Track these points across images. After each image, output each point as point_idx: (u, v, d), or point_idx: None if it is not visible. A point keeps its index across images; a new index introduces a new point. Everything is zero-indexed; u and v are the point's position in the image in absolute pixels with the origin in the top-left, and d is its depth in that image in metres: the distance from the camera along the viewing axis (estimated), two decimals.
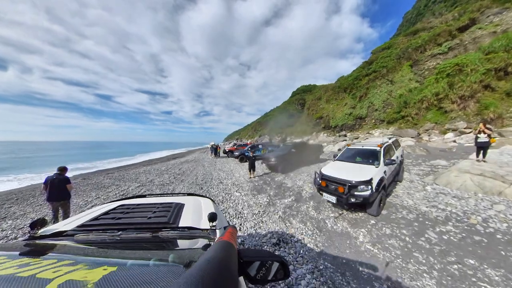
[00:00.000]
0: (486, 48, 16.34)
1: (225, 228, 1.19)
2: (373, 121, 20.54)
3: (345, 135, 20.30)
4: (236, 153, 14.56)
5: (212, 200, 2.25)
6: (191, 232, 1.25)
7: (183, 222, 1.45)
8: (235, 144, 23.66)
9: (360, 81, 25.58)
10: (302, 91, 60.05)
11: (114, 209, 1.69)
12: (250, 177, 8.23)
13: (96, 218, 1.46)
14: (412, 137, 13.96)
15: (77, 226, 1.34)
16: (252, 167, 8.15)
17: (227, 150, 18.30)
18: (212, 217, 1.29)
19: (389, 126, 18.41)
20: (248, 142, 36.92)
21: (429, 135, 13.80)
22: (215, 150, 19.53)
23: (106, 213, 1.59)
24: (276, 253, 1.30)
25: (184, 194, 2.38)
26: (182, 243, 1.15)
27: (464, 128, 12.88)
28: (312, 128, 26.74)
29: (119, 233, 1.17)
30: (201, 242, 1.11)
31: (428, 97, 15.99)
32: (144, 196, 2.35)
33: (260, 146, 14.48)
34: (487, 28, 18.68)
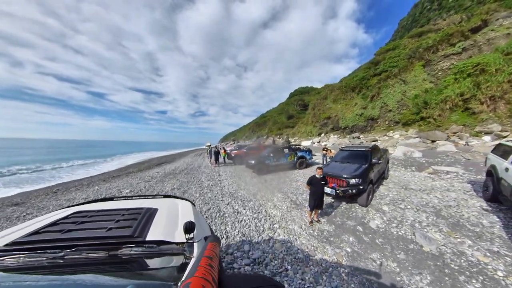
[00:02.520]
0: (504, 49, 15.65)
1: (205, 239, 1.08)
2: (387, 122, 19.20)
3: (358, 137, 18.70)
4: (252, 161, 9.02)
5: (192, 203, 1.91)
6: (162, 248, 1.01)
7: (152, 234, 1.13)
8: (240, 146, 17.73)
9: (368, 80, 24.43)
10: (300, 93, 59.31)
11: (66, 217, 1.31)
12: (312, 221, 3.89)
13: (37, 232, 1.10)
14: (441, 140, 12.51)
15: (6, 245, 0.99)
16: (319, 203, 3.75)
17: (232, 155, 13.54)
18: (189, 228, 1.04)
19: (407, 128, 17.07)
20: (262, 143, 31.68)
21: (460, 138, 12.41)
22: (216, 154, 12.93)
23: (54, 223, 1.21)
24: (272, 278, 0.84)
25: (160, 196, 2.03)
26: (151, 262, 0.96)
27: (500, 131, 11.60)
28: (319, 129, 25.04)
29: (62, 253, 0.90)
30: (176, 260, 0.94)
31: (452, 98, 14.79)
32: (111, 199, 1.93)
33: (286, 151, 9.48)
34: (500, 30, 18.20)
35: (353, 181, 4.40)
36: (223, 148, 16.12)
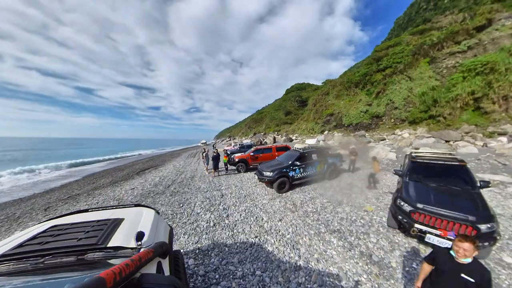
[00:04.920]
0: (510, 49, 15.51)
1: (155, 244, 1.45)
2: (393, 120, 18.65)
3: (364, 135, 17.96)
4: (269, 173, 6.19)
5: (156, 211, 2.17)
6: (118, 252, 1.28)
7: (114, 241, 1.44)
8: (243, 147, 13.90)
9: (372, 76, 23.76)
10: (296, 89, 58.35)
11: (44, 231, 1.58)
12: None
13: (20, 245, 1.38)
14: (456, 141, 11.98)
15: None
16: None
17: (236, 160, 10.31)
18: (138, 237, 1.32)
19: (414, 126, 16.59)
20: (262, 140, 25.89)
21: (474, 138, 11.95)
22: (215, 160, 9.39)
23: (34, 237, 1.49)
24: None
25: (130, 205, 2.28)
26: (110, 263, 1.20)
27: None
28: (322, 126, 24.14)
29: (42, 260, 1.18)
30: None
31: (463, 96, 14.37)
32: (86, 210, 2.15)
33: (314, 157, 6.87)
34: (504, 30, 18.09)
35: (485, 227, 2.50)
36: (225, 150, 11.92)
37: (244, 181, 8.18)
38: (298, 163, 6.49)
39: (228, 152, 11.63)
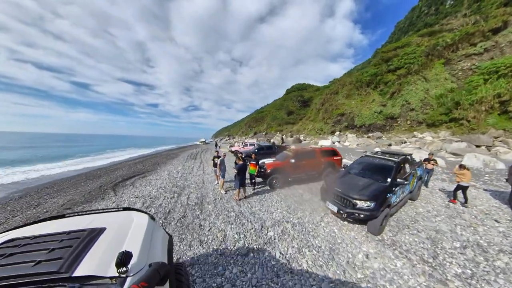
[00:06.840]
0: None
1: (150, 266, 0.97)
2: (409, 122, 17.80)
3: (381, 137, 16.96)
4: (367, 204, 3.52)
5: (150, 216, 1.63)
6: (88, 286, 0.87)
7: (85, 266, 0.96)
8: (261, 148, 10.73)
9: (383, 76, 22.93)
10: (297, 89, 57.58)
11: None
12: None
13: None
14: (488, 146, 11.11)
15: None
16: None
17: (268, 170, 6.45)
18: (121, 261, 0.87)
19: (434, 129, 15.77)
20: (271, 141, 22.91)
21: (506, 145, 11.13)
22: (241, 173, 5.43)
23: None
24: None
25: (118, 209, 1.74)
26: None
27: None
28: (332, 126, 23.05)
29: None
30: None
31: (488, 99, 13.63)
32: (62, 216, 1.62)
33: (407, 169, 4.57)
34: None
35: None
36: (253, 156, 6.74)
37: (292, 206, 4.89)
38: (399, 180, 3.96)
39: (241, 151, 8.44)
